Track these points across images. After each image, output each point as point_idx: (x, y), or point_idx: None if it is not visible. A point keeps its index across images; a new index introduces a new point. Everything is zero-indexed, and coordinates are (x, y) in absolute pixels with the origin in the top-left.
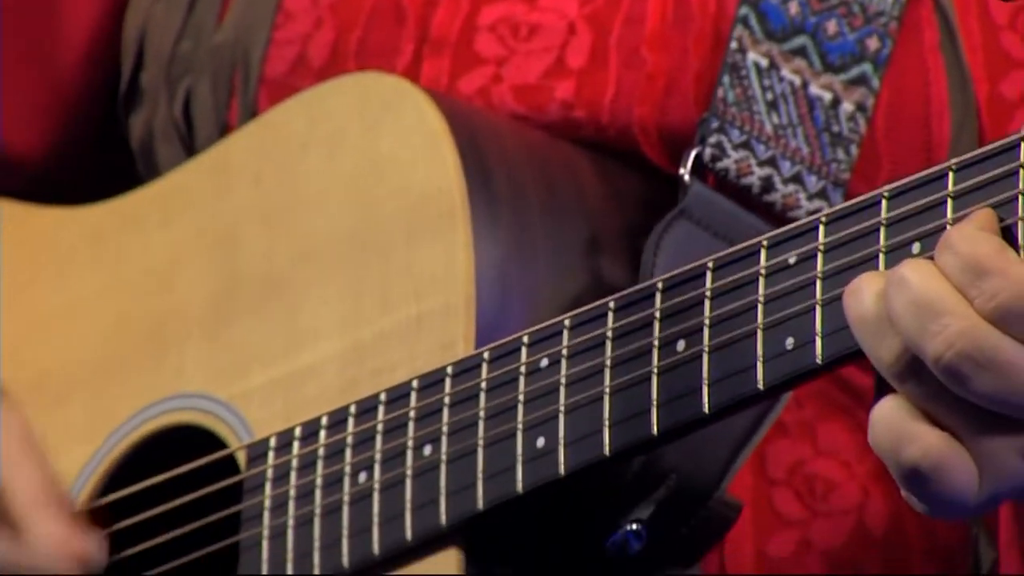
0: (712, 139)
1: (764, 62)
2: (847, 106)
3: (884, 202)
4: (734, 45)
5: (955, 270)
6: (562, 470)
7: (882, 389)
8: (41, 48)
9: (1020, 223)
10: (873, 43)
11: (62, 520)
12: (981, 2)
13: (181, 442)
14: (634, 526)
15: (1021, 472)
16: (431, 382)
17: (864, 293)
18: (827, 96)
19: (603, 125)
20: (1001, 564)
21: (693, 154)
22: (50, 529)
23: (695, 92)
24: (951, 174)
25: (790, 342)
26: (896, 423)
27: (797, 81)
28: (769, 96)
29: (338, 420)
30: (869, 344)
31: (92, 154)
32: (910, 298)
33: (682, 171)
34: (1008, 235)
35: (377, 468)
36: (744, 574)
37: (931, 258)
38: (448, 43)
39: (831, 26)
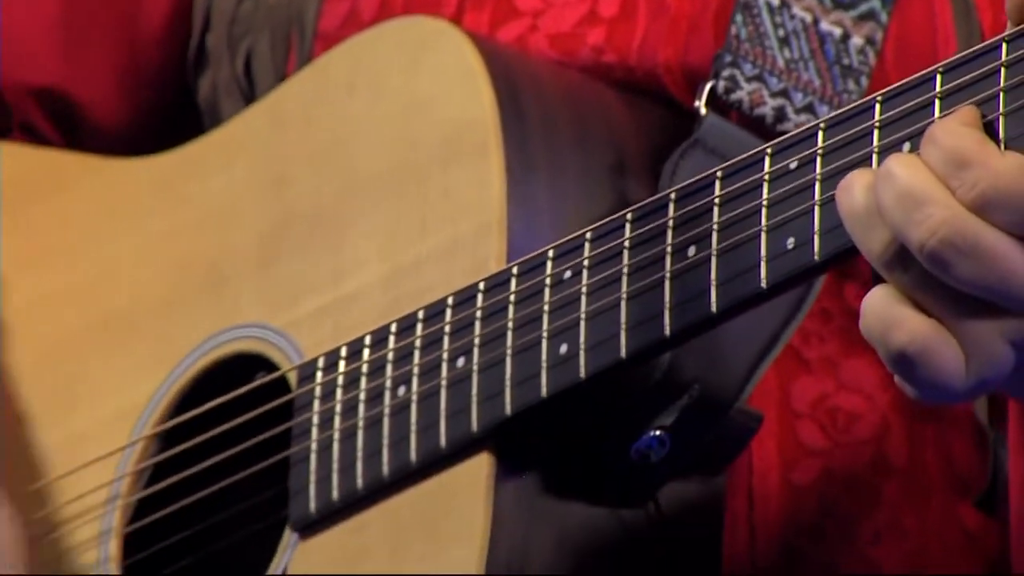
0: (725, 72)
1: (776, 1)
2: (856, 40)
3: (877, 106)
4: None
5: (938, 162)
6: (583, 374)
7: (877, 282)
8: (123, 19)
9: (1001, 118)
10: None
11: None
12: None
13: (241, 369)
14: (657, 432)
15: (1007, 358)
16: (465, 298)
17: (854, 188)
18: (837, 31)
19: (631, 67)
20: (1010, 469)
21: (708, 87)
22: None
23: (714, 31)
24: (938, 76)
25: (791, 242)
26: (885, 310)
27: (808, 18)
28: (781, 33)
29: (380, 338)
30: (859, 236)
31: (168, 117)
32: (896, 190)
33: (697, 103)
34: (990, 130)
35: (415, 381)
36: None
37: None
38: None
39: None
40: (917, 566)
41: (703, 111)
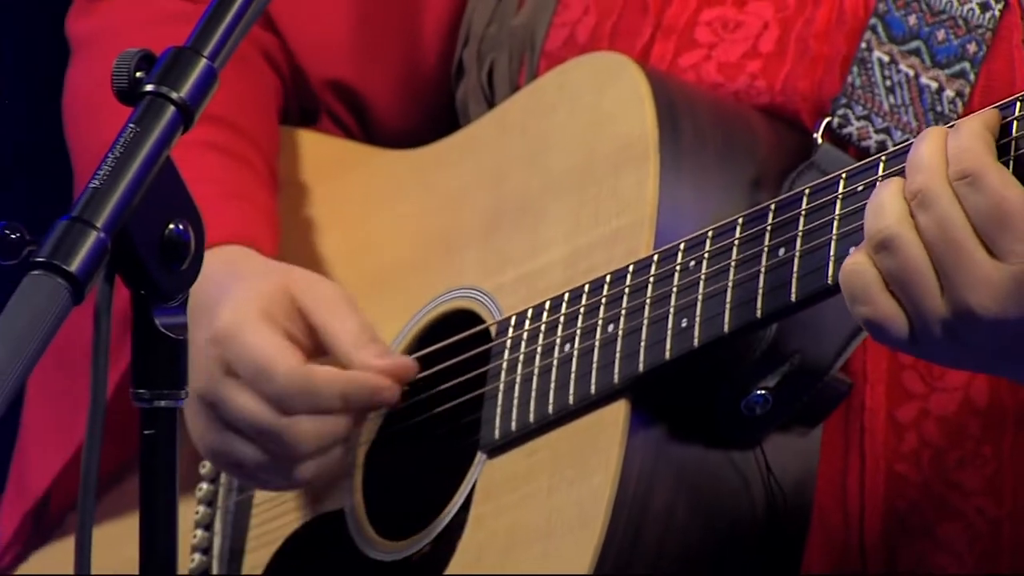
0: (840, 112)
1: (886, 59)
2: (949, 92)
3: None
4: (863, 45)
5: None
6: (696, 343)
7: None
8: (408, 34)
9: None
10: (972, 47)
11: (383, 353)
12: None
13: (459, 320)
14: (763, 392)
15: (948, 349)
16: (618, 276)
17: (880, 189)
18: (934, 85)
19: (775, 92)
20: None
21: (824, 122)
22: (375, 362)
23: (840, 73)
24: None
25: (851, 249)
26: (861, 283)
27: (911, 73)
28: (888, 83)
29: (556, 304)
30: (868, 221)
31: (436, 117)
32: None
33: (815, 135)
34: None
35: (577, 339)
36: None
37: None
38: (675, 30)
39: (940, 34)
40: (993, 486)
41: (820, 140)
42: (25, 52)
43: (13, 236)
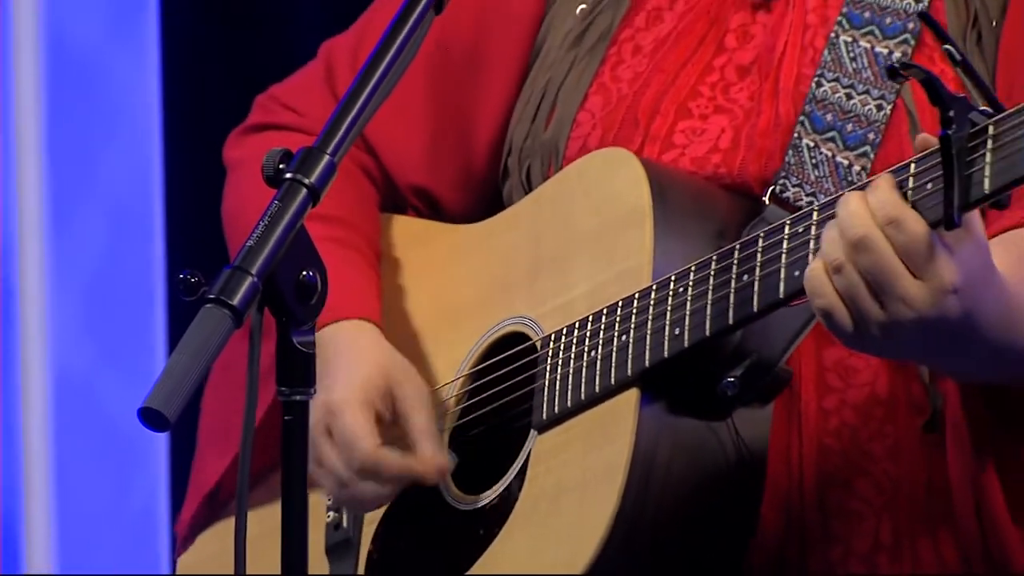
0: (780, 182)
1: (812, 144)
2: (856, 167)
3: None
4: (795, 136)
5: (873, 206)
6: (686, 344)
7: None
8: (463, 148)
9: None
10: (871, 135)
11: (437, 451)
12: (933, 111)
13: (513, 340)
14: (732, 379)
15: (879, 342)
16: (627, 301)
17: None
18: (845, 162)
19: (734, 175)
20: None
21: (770, 190)
22: (429, 456)
23: (780, 157)
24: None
25: (797, 273)
26: (818, 282)
27: (830, 154)
28: (814, 161)
29: (583, 323)
30: (824, 243)
31: (488, 205)
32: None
33: (764, 198)
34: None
35: (600, 346)
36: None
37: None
38: (659, 138)
39: (849, 127)
40: (892, 454)
41: (767, 202)
42: (203, 176)
43: (192, 279)
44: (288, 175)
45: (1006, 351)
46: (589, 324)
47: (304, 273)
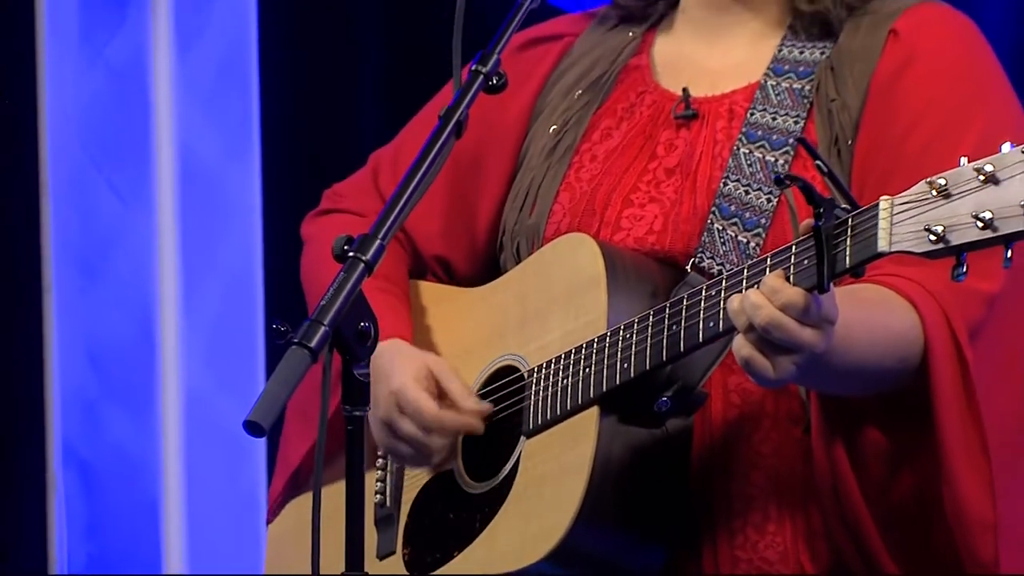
0: (698, 256)
1: (721, 227)
2: (752, 244)
3: (746, 271)
4: (710, 221)
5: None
6: (632, 375)
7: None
8: (468, 228)
9: (792, 276)
10: (763, 220)
11: (477, 402)
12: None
13: (506, 371)
14: (666, 398)
15: (794, 373)
16: (588, 344)
17: (736, 301)
18: (745, 240)
19: (665, 250)
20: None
21: (691, 262)
22: (473, 407)
23: (698, 237)
24: (768, 259)
25: (712, 323)
26: (740, 344)
27: (733, 235)
28: (722, 240)
29: (557, 360)
30: (736, 320)
31: (490, 272)
32: (750, 302)
33: (687, 268)
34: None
35: (570, 376)
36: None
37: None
38: (610, 224)
39: (747, 214)
40: (778, 449)
41: (689, 271)
42: (292, 252)
43: (282, 328)
44: (351, 254)
45: (853, 369)
46: (562, 360)
47: (362, 324)
